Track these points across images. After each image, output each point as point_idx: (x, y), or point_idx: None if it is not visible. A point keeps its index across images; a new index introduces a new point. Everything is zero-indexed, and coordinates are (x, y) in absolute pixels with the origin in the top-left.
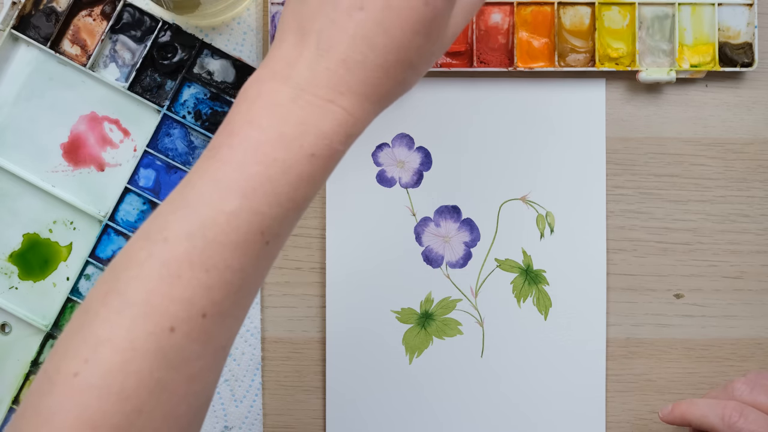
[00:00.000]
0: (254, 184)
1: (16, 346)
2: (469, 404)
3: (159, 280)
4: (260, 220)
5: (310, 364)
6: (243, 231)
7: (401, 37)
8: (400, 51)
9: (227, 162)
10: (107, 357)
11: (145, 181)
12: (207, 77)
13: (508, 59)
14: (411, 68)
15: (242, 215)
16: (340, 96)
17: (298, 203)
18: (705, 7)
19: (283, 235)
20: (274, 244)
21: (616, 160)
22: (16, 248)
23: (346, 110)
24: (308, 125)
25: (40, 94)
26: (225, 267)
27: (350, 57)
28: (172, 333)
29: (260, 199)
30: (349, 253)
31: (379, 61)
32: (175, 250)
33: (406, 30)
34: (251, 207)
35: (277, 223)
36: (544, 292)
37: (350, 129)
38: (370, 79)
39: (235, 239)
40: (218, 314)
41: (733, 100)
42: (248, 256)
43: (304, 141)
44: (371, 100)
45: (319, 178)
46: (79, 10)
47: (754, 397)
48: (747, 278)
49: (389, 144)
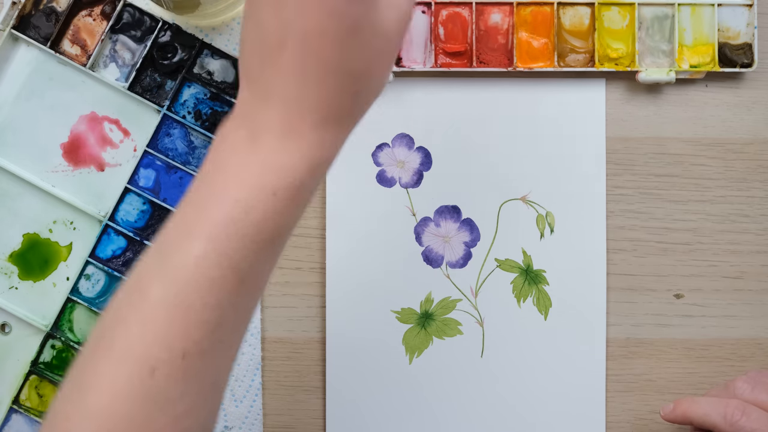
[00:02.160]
0: (218, 226)
1: (16, 346)
2: (468, 404)
3: (138, 324)
4: (229, 261)
5: (310, 364)
6: (214, 272)
7: (330, 57)
8: (336, 71)
9: (194, 205)
10: (95, 401)
11: (145, 181)
12: (207, 77)
13: (507, 59)
14: (357, 79)
15: (210, 257)
16: (293, 131)
17: (267, 240)
18: (705, 8)
19: (259, 271)
20: (250, 281)
21: (616, 160)
22: (16, 248)
23: (303, 143)
24: (267, 164)
25: (40, 94)
26: (201, 306)
27: (290, 94)
28: (153, 375)
29: (225, 241)
30: (349, 253)
31: (320, 88)
32: (152, 294)
33: (333, 49)
34: (218, 249)
35: (247, 261)
36: (544, 292)
37: (313, 160)
38: (318, 107)
39: (208, 279)
40: (199, 353)
41: (733, 100)
42: (223, 294)
43: (264, 180)
44: (328, 124)
45: (289, 213)
46: (79, 10)
47: (756, 395)
48: (747, 278)
49: (389, 144)
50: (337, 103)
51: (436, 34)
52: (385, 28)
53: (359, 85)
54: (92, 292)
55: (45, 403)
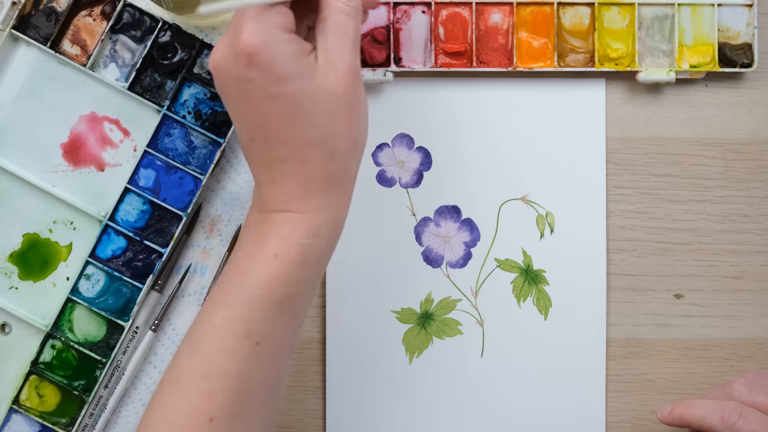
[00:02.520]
0: (232, 293)
1: (16, 346)
2: (469, 404)
3: (169, 396)
4: (243, 325)
5: (310, 364)
6: (230, 337)
7: (284, 136)
8: (295, 146)
9: (219, 282)
10: None
11: (145, 181)
12: (207, 77)
13: (507, 59)
14: (323, 145)
15: (227, 324)
16: (285, 204)
17: (278, 303)
18: (705, 8)
19: (272, 335)
20: (267, 344)
21: (616, 160)
22: (16, 248)
23: (296, 212)
24: (268, 234)
25: (40, 94)
26: (223, 374)
27: (266, 178)
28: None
29: (239, 307)
30: (349, 254)
31: (289, 165)
32: (181, 367)
33: (284, 128)
34: (233, 315)
35: (261, 324)
36: (544, 292)
37: (309, 223)
38: (296, 182)
39: (225, 346)
40: (225, 417)
41: (733, 100)
42: (241, 359)
43: (266, 247)
44: (314, 192)
45: (295, 275)
46: (79, 10)
47: (753, 397)
48: (747, 278)
49: (389, 144)
50: (313, 173)
51: (436, 34)
52: (329, 91)
53: (327, 150)
54: (92, 292)
55: (45, 403)
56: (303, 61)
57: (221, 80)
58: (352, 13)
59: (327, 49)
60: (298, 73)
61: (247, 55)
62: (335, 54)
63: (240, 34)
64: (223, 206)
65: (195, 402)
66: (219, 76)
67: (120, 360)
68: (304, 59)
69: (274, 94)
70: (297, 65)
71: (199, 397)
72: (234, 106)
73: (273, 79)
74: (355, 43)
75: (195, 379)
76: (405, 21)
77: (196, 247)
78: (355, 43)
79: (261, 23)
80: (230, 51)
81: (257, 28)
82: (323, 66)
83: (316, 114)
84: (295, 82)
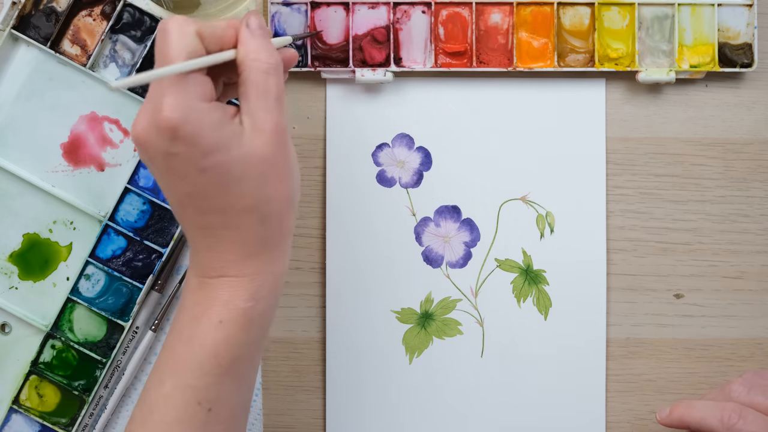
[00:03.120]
0: (179, 361)
1: (16, 346)
2: (468, 404)
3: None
4: (193, 392)
5: (310, 364)
6: (181, 406)
7: (212, 205)
8: (226, 213)
9: (165, 347)
10: None
11: (145, 181)
12: None
13: (507, 59)
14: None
15: (176, 393)
16: (223, 269)
17: (226, 368)
18: (705, 8)
19: (224, 399)
20: (220, 408)
21: (616, 160)
22: (16, 248)
23: (235, 276)
24: (210, 299)
25: (40, 94)
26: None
27: (203, 244)
28: None
29: (187, 375)
30: (349, 253)
31: (223, 232)
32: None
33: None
34: (181, 383)
35: (211, 390)
36: (544, 292)
37: (249, 286)
38: (231, 247)
39: (175, 415)
40: None
41: (733, 100)
42: (194, 427)
43: (210, 313)
44: (252, 257)
45: (240, 339)
46: (79, 10)
47: (752, 397)
48: (747, 278)
49: (389, 144)
50: (247, 238)
51: (436, 34)
52: (257, 155)
53: (260, 215)
54: (92, 292)
55: (45, 403)
56: (227, 128)
57: (146, 153)
58: (272, 70)
59: (251, 113)
60: (224, 144)
61: (170, 130)
62: (260, 116)
63: (161, 109)
64: None
65: None
66: (143, 150)
67: (120, 360)
68: (229, 127)
69: (203, 167)
70: (222, 135)
71: None
72: (162, 178)
73: (199, 152)
74: (279, 101)
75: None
76: (405, 21)
77: None
78: (278, 101)
79: (180, 96)
80: (152, 124)
81: (177, 102)
82: (249, 130)
83: (246, 180)
84: (222, 153)
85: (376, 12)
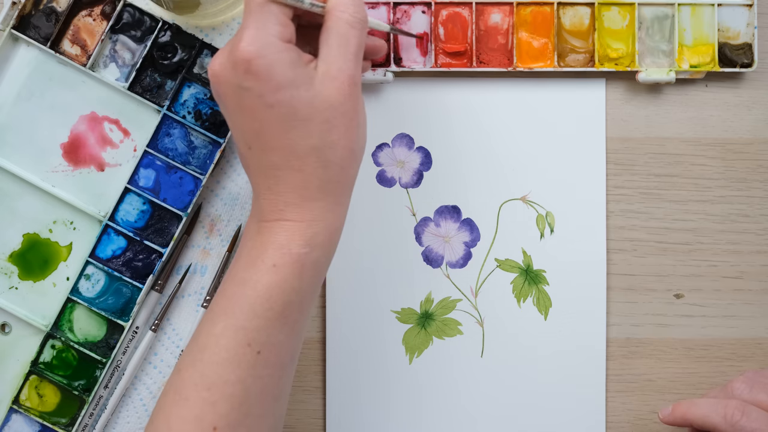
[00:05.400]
0: (233, 303)
1: (16, 346)
2: (468, 404)
3: (173, 405)
4: (244, 334)
5: (310, 364)
6: (231, 347)
7: (281, 144)
8: (291, 154)
9: (219, 290)
10: None
11: (145, 181)
12: (207, 77)
13: (507, 59)
14: (319, 154)
15: (228, 333)
16: (282, 213)
17: (278, 312)
18: (705, 8)
19: (274, 344)
20: (268, 352)
21: (616, 160)
22: (16, 248)
23: (292, 221)
24: (266, 243)
25: (40, 94)
26: (223, 383)
27: (264, 186)
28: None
29: (239, 316)
30: (349, 254)
31: (285, 174)
32: (183, 377)
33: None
34: (233, 324)
35: (262, 333)
36: (544, 292)
37: (306, 232)
38: (292, 190)
39: (226, 356)
40: (228, 425)
41: (733, 100)
42: (242, 369)
43: (264, 256)
44: (310, 200)
45: (293, 284)
46: (79, 10)
47: (754, 395)
48: (747, 278)
49: (389, 144)
50: (309, 182)
51: (436, 34)
52: (326, 101)
53: (323, 160)
54: (92, 292)
55: (45, 403)
56: (300, 69)
57: (219, 88)
58: (357, 25)
59: (327, 60)
60: (295, 82)
61: (244, 63)
62: (336, 64)
63: (239, 43)
64: (223, 206)
65: (198, 411)
66: (217, 84)
67: (120, 360)
68: (302, 68)
69: (271, 102)
70: (294, 73)
71: (201, 406)
72: (231, 114)
73: (270, 87)
74: (357, 56)
75: (197, 388)
76: (405, 21)
77: (196, 247)
78: (356, 56)
79: (260, 32)
80: (229, 59)
81: (256, 36)
82: (322, 75)
83: (312, 123)
84: (291, 91)
85: (376, 12)
